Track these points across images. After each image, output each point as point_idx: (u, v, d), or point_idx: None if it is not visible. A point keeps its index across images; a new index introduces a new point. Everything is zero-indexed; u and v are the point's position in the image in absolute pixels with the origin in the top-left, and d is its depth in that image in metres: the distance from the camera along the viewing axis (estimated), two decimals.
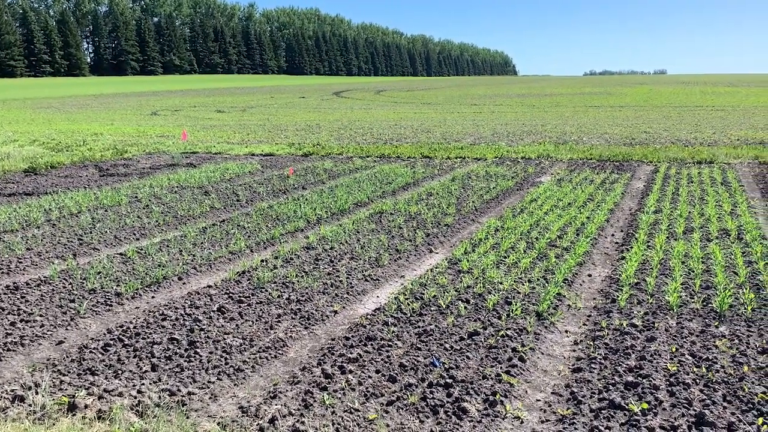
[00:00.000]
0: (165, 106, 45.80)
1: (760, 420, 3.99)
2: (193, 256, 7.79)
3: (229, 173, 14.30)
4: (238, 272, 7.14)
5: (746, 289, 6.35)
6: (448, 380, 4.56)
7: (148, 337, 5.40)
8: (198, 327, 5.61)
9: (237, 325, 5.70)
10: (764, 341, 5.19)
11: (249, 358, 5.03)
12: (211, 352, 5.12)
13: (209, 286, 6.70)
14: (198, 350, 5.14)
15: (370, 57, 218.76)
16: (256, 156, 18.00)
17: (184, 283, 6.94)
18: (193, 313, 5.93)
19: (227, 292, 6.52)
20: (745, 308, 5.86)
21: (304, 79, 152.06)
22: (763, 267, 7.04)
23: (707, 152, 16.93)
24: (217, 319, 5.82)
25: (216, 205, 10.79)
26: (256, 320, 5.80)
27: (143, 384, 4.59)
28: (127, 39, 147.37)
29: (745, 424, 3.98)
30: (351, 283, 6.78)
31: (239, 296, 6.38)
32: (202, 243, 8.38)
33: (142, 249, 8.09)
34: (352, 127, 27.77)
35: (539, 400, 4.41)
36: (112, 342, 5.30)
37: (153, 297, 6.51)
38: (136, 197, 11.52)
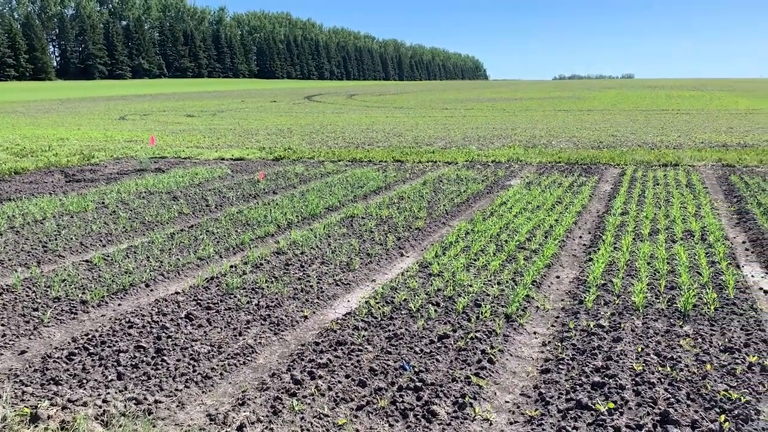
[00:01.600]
0: (134, 111, 45.18)
1: (722, 417, 4.08)
2: (161, 262, 7.68)
3: (198, 178, 14.15)
4: (206, 278, 7.07)
5: (709, 289, 6.49)
6: (417, 383, 4.57)
7: (114, 345, 5.31)
8: (165, 334, 5.53)
9: (205, 331, 5.63)
10: (726, 340, 5.30)
11: (217, 365, 4.97)
12: (178, 360, 5.06)
13: (177, 293, 6.62)
14: (165, 358, 5.07)
15: (342, 61, 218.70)
16: (226, 160, 17.85)
17: (151, 290, 6.84)
18: (161, 321, 5.85)
19: (195, 298, 6.45)
20: (708, 308, 5.98)
21: (276, 83, 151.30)
22: (726, 267, 7.21)
23: (672, 155, 17.27)
24: (185, 326, 5.75)
25: (185, 210, 10.67)
26: (225, 327, 5.74)
27: (108, 393, 4.51)
28: (94, 42, 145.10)
29: (707, 422, 4.06)
30: (321, 288, 6.76)
31: (208, 303, 6.31)
32: (170, 249, 8.28)
33: (108, 256, 7.96)
34: (324, 131, 27.72)
35: (508, 402, 4.45)
36: (76, 351, 5.20)
37: (119, 304, 6.41)
38: (102, 203, 11.33)
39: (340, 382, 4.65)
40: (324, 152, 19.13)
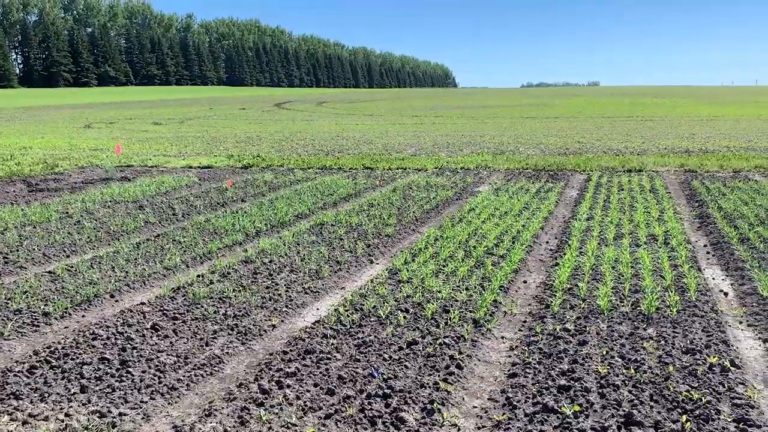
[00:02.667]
0: (99, 119, 44.45)
1: (684, 417, 4.16)
2: (126, 272, 7.56)
3: (165, 186, 13.98)
4: (173, 288, 6.98)
5: (672, 291, 6.62)
6: (386, 390, 4.57)
7: (78, 358, 5.20)
8: (130, 346, 5.44)
9: (171, 342, 5.56)
10: (688, 341, 5.42)
11: (184, 376, 4.91)
12: (144, 371, 4.98)
13: (143, 303, 6.52)
14: (130, 369, 4.99)
15: (312, 68, 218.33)
16: (194, 168, 17.67)
17: (116, 301, 6.73)
18: (126, 332, 5.75)
19: (161, 309, 6.35)
20: (671, 310, 6.10)
21: (245, 90, 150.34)
22: (688, 270, 7.37)
23: (637, 161, 17.62)
24: (151, 336, 5.67)
25: (151, 219, 10.52)
26: (192, 337, 5.67)
27: (71, 407, 4.42)
28: (58, 50, 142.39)
29: (670, 422, 4.14)
30: (290, 297, 6.72)
31: (174, 313, 6.23)
32: (135, 259, 8.15)
33: (72, 266, 7.80)
34: (294, 138, 27.63)
35: (476, 407, 4.48)
36: (38, 364, 5.08)
37: (83, 316, 6.28)
38: (66, 213, 11.11)
39: (308, 390, 4.63)
40: (293, 160, 19.06)
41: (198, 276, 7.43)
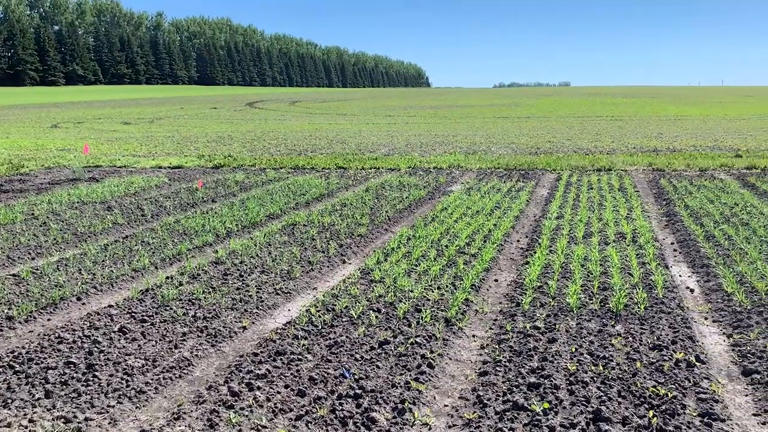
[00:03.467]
0: (67, 118, 43.62)
1: (651, 413, 4.22)
2: (94, 274, 7.43)
3: (134, 187, 13.77)
4: (141, 290, 6.87)
5: (640, 289, 6.73)
6: (357, 391, 4.56)
7: (42, 362, 5.10)
8: (97, 349, 5.35)
9: (139, 345, 5.48)
10: (655, 338, 5.51)
11: (152, 379, 4.84)
12: (111, 375, 4.90)
13: (110, 306, 6.41)
14: (97, 373, 4.90)
15: (285, 68, 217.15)
16: (164, 169, 17.44)
17: (83, 304, 6.60)
18: (92, 335, 5.65)
19: (129, 311, 6.26)
20: (638, 307, 6.20)
21: (217, 89, 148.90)
22: (655, 268, 7.49)
23: (606, 160, 17.87)
24: (119, 340, 5.58)
25: (119, 220, 10.36)
26: (160, 340, 5.60)
27: (35, 412, 4.32)
28: (24, 48, 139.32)
29: (637, 418, 4.20)
30: (261, 298, 6.67)
31: (142, 315, 6.14)
32: (103, 261, 8.01)
33: (37, 269, 7.64)
34: (266, 138, 27.45)
35: (447, 406, 4.49)
36: (1, 369, 4.97)
37: (49, 319, 6.16)
38: (32, 214, 10.88)
39: (279, 392, 4.60)
40: (266, 159, 18.93)
41: (167, 278, 7.33)
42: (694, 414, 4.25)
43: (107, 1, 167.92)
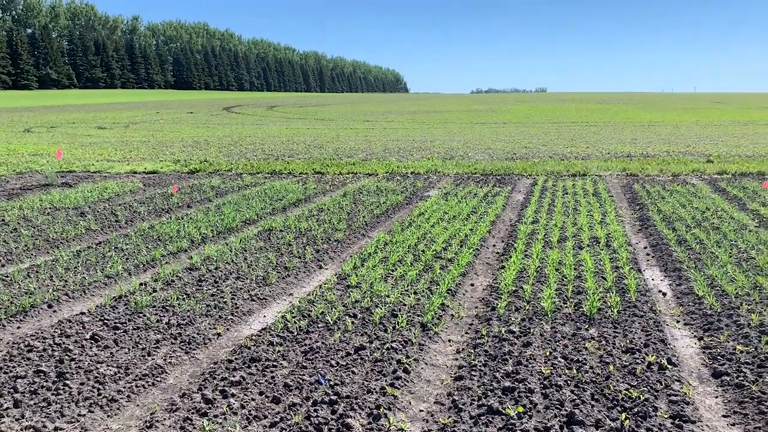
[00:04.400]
0: (40, 123, 42.94)
1: (623, 415, 4.27)
2: (66, 281, 7.31)
3: (108, 192, 13.59)
4: (114, 297, 6.78)
5: (613, 293, 6.80)
6: (333, 397, 4.54)
7: (11, 371, 5.00)
8: (68, 357, 5.26)
9: (112, 353, 5.40)
10: (628, 341, 5.57)
11: (124, 388, 4.77)
12: (82, 384, 4.82)
13: (82, 313, 6.32)
14: (68, 382, 4.82)
15: (262, 72, 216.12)
16: (139, 174, 17.25)
17: (54, 311, 6.49)
18: (63, 343, 5.55)
19: (102, 318, 6.17)
20: (612, 311, 6.27)
21: (193, 94, 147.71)
22: (628, 272, 7.59)
23: (581, 165, 18.07)
24: (90, 347, 5.49)
25: (92, 226, 10.21)
26: (133, 347, 5.52)
27: (3, 423, 4.23)
28: None
29: (610, 421, 4.24)
30: (236, 304, 6.62)
31: (115, 323, 6.05)
32: (75, 267, 7.89)
33: (7, 276, 7.50)
34: (243, 143, 27.30)
35: (422, 411, 4.50)
36: None
37: (18, 327, 6.04)
38: (2, 220, 10.68)
39: (253, 399, 4.57)
40: (242, 164, 18.83)
41: (141, 284, 7.24)
42: (666, 416, 4.30)
43: (82, 5, 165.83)
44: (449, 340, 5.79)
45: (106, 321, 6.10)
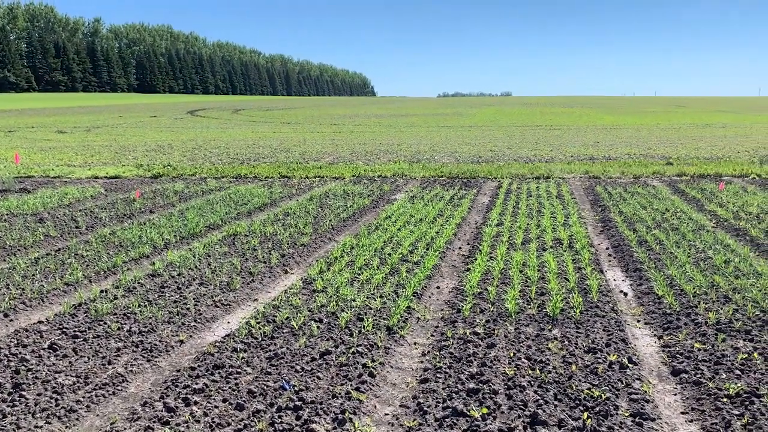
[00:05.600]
0: None
1: (585, 414, 4.33)
2: (23, 289, 7.12)
3: (68, 198, 13.29)
4: (73, 305, 6.63)
5: (576, 293, 6.90)
6: (297, 403, 4.51)
7: None
8: (25, 367, 5.12)
9: (71, 362, 5.27)
10: (590, 341, 5.66)
11: (83, 397, 4.67)
12: (39, 394, 4.70)
13: (40, 322, 6.16)
14: (24, 393, 4.69)
15: (228, 75, 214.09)
16: (100, 179, 16.91)
17: (10, 320, 6.32)
18: (20, 353, 5.41)
19: (60, 327, 6.02)
20: (574, 311, 6.36)
21: (157, 97, 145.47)
22: (591, 272, 7.71)
23: (545, 168, 18.32)
24: (48, 357, 5.36)
25: (52, 233, 9.97)
26: (93, 356, 5.40)
27: None
28: None
29: (572, 420, 4.30)
30: (199, 310, 6.53)
31: (74, 331, 5.92)
32: (33, 275, 7.69)
33: None
34: (207, 146, 26.98)
35: (388, 414, 4.49)
36: None
37: None
38: None
39: (216, 406, 4.51)
40: (206, 169, 18.61)
41: (101, 291, 7.10)
42: (626, 414, 4.38)
43: (41, 6, 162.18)
44: (415, 343, 5.80)
45: (65, 329, 5.96)
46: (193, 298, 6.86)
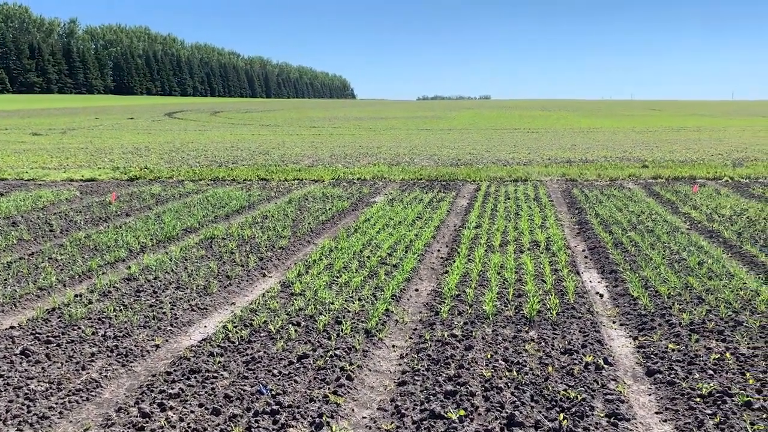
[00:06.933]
0: None
1: (561, 415, 4.37)
2: None
3: (42, 201, 13.09)
4: (47, 310, 6.52)
5: (552, 295, 6.96)
6: (274, 407, 4.49)
7: None
8: None
9: (43, 368, 5.19)
10: (567, 342, 5.71)
11: (56, 404, 4.59)
12: (10, 401, 4.61)
13: (12, 327, 6.05)
14: None
15: (206, 77, 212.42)
16: (76, 182, 16.68)
17: None
18: None
19: (33, 332, 5.93)
20: (551, 313, 6.41)
21: (134, 99, 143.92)
22: (567, 274, 7.78)
23: (523, 171, 18.46)
24: (20, 363, 5.27)
25: (25, 236, 9.81)
26: (67, 361, 5.32)
27: None
28: None
29: (548, 421, 4.33)
30: (176, 315, 6.46)
31: (47, 336, 5.82)
32: (5, 280, 7.56)
33: None
34: (185, 149, 26.76)
35: (365, 417, 4.49)
36: None
37: None
38: None
39: (192, 412, 4.46)
40: (184, 171, 18.45)
41: (76, 296, 7.00)
42: (602, 415, 4.42)
43: (15, 6, 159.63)
44: (393, 346, 5.80)
45: (38, 335, 5.87)
46: (170, 302, 6.79)
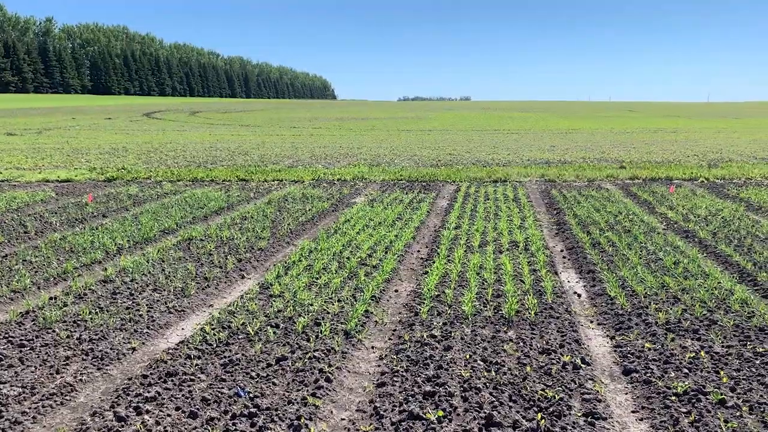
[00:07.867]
0: None
1: (539, 415, 4.39)
2: None
3: (16, 202, 12.88)
4: (20, 313, 6.41)
5: (531, 295, 7.00)
6: (252, 410, 4.45)
7: None
8: None
9: (16, 372, 5.10)
10: (545, 342, 5.74)
11: (29, 408, 4.52)
12: None
13: None
14: None
15: (185, 77, 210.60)
16: (51, 183, 16.44)
17: None
18: None
19: (6, 336, 5.82)
20: (529, 313, 6.44)
21: (112, 99, 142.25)
22: (545, 274, 7.83)
23: (502, 171, 18.56)
24: None
25: None
26: (41, 365, 5.24)
27: None
28: None
29: (527, 421, 4.35)
30: (152, 317, 6.39)
31: (21, 340, 5.72)
32: None
33: None
34: (163, 149, 26.50)
35: (344, 419, 4.47)
36: None
37: None
38: None
39: (169, 415, 4.42)
40: (162, 172, 18.27)
41: (50, 298, 6.89)
42: (579, 414, 4.45)
43: None
44: (372, 347, 5.79)
45: (10, 338, 5.76)
46: (146, 305, 6.72)
